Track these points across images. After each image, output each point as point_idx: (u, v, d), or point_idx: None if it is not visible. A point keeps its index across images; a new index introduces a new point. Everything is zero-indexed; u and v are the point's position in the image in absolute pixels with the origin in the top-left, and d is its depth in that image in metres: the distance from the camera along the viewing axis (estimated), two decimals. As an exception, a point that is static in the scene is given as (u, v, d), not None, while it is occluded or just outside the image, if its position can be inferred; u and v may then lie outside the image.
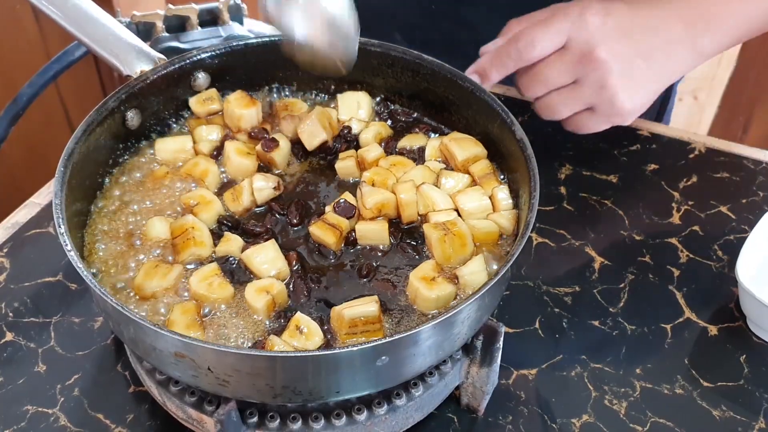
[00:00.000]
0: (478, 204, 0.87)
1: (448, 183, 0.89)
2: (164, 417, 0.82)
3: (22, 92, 1.11)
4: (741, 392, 0.87)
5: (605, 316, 0.94)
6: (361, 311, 0.76)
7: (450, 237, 0.81)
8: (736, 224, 1.05)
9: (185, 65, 0.95)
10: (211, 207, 0.87)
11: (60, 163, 0.80)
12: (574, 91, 0.95)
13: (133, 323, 0.69)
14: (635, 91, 0.95)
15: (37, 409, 0.84)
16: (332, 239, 0.84)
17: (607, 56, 0.92)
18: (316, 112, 0.96)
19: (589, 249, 1.01)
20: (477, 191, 0.88)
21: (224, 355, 0.68)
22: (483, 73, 0.98)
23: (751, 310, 0.92)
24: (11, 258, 0.97)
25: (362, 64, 0.99)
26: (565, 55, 0.94)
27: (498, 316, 0.92)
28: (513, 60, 0.96)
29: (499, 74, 0.97)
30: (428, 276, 0.79)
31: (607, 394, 0.87)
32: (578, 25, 0.93)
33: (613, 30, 0.93)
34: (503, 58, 0.96)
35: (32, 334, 0.90)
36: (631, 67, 0.94)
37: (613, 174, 1.11)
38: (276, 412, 0.76)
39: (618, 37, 0.93)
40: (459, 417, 0.85)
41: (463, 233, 0.82)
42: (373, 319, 0.76)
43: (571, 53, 0.93)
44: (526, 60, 0.95)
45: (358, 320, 0.76)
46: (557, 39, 0.94)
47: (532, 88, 0.97)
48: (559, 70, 0.95)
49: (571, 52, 0.93)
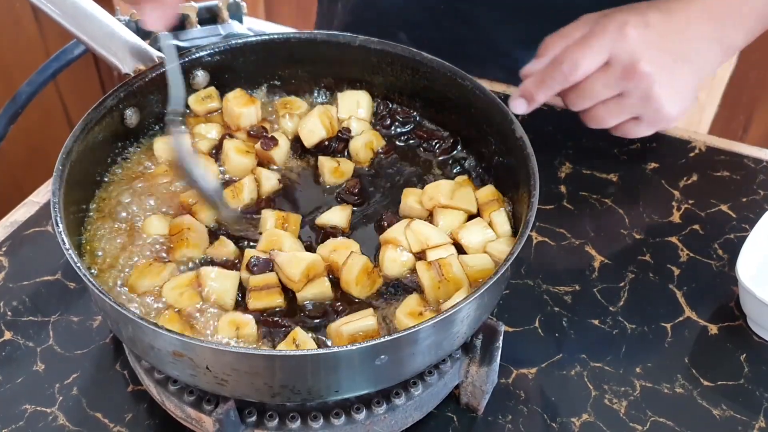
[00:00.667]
0: (482, 238, 0.85)
1: (443, 222, 0.86)
2: (163, 416, 0.82)
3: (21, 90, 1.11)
4: (741, 391, 0.87)
5: (605, 315, 0.94)
6: (360, 326, 0.76)
7: (444, 283, 0.79)
8: (737, 223, 1.04)
9: (184, 63, 0.95)
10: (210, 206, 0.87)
11: (58, 162, 0.80)
12: (620, 103, 0.97)
13: (132, 322, 0.69)
14: (679, 97, 0.97)
15: (35, 408, 0.83)
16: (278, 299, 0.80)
17: (651, 68, 0.94)
18: (318, 110, 0.96)
19: (589, 248, 1.01)
20: (478, 224, 0.86)
21: (222, 354, 0.68)
22: (529, 96, 0.99)
23: (751, 309, 0.92)
24: (10, 257, 0.97)
25: (362, 62, 0.99)
26: (609, 70, 0.95)
27: (498, 315, 0.92)
28: (558, 82, 0.97)
29: (545, 96, 0.98)
30: (415, 311, 0.78)
31: (607, 393, 0.86)
32: (619, 41, 0.94)
33: (652, 41, 0.95)
34: (548, 80, 0.97)
35: (31, 333, 0.90)
36: (672, 75, 0.96)
37: (613, 173, 1.11)
38: (275, 411, 0.76)
39: (657, 47, 0.95)
40: (458, 416, 0.85)
41: (459, 279, 0.79)
42: (373, 332, 0.76)
43: (615, 69, 0.95)
44: (572, 81, 0.96)
45: (357, 335, 0.75)
46: (600, 57, 0.95)
47: (579, 104, 0.99)
48: (604, 85, 0.96)
49: (614, 67, 0.95)
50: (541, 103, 0.99)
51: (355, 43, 0.98)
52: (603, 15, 0.98)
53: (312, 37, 0.99)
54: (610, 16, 0.97)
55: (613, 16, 0.96)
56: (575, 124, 1.01)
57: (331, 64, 1.00)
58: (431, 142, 0.98)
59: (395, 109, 1.01)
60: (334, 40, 0.98)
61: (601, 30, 0.95)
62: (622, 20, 0.95)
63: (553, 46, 0.99)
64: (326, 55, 1.00)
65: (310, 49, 0.99)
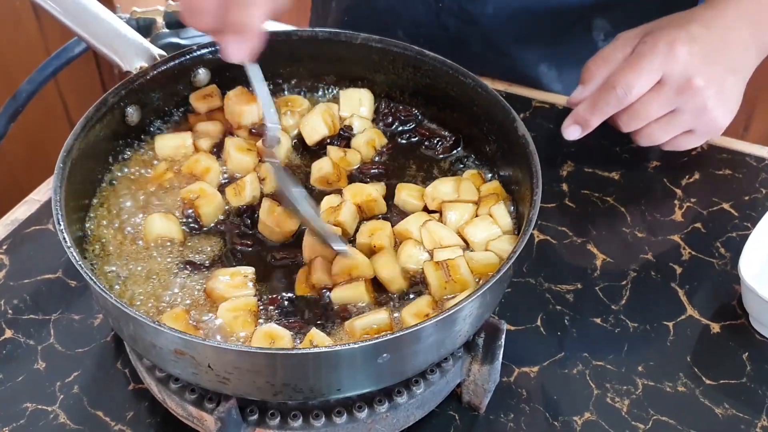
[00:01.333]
0: (487, 234, 0.85)
1: (452, 216, 0.87)
2: (164, 414, 0.82)
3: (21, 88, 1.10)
4: (743, 390, 0.87)
5: (607, 314, 0.94)
6: (372, 320, 0.76)
7: (451, 283, 0.80)
8: (739, 221, 1.04)
9: (185, 61, 0.94)
10: (212, 200, 0.87)
11: (59, 160, 0.79)
12: (674, 120, 0.99)
13: (133, 320, 0.69)
14: (730, 106, 1.00)
15: (36, 407, 0.83)
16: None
17: (704, 82, 0.96)
18: (320, 107, 0.96)
19: (591, 246, 1.01)
20: (484, 220, 0.86)
21: (224, 353, 0.68)
22: (583, 122, 1.00)
23: (753, 308, 0.92)
24: (11, 255, 0.97)
25: (364, 60, 0.99)
26: (663, 90, 0.96)
27: (500, 314, 0.91)
28: (612, 106, 0.98)
29: (598, 121, 1.00)
30: (422, 312, 0.78)
31: (609, 392, 0.86)
32: (670, 60, 0.95)
33: (701, 55, 0.96)
34: (602, 105, 0.98)
35: (32, 331, 0.90)
36: (723, 85, 0.98)
37: (615, 171, 1.10)
38: (276, 410, 0.76)
39: (707, 60, 0.96)
40: (460, 415, 0.85)
41: (465, 280, 0.80)
42: (386, 326, 0.76)
43: (669, 87, 0.96)
44: (626, 104, 0.97)
45: (370, 329, 0.76)
46: (652, 77, 0.96)
47: (633, 125, 1.00)
48: (659, 104, 0.97)
49: (668, 86, 0.96)
50: (594, 128, 1.00)
51: (356, 41, 0.97)
52: (644, 33, 0.99)
53: (313, 35, 0.99)
54: (653, 34, 0.98)
55: (658, 35, 0.97)
56: (577, 122, 1.01)
57: (332, 61, 1.00)
58: (433, 140, 0.98)
59: (397, 107, 1.01)
60: (336, 38, 0.98)
61: (650, 50, 0.96)
62: (670, 38, 0.96)
63: (598, 71, 1.00)
64: (328, 53, 0.99)
65: (311, 47, 0.99)
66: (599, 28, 1.22)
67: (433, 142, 0.98)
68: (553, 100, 1.19)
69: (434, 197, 0.88)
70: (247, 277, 0.80)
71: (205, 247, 0.86)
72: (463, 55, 1.00)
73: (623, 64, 0.98)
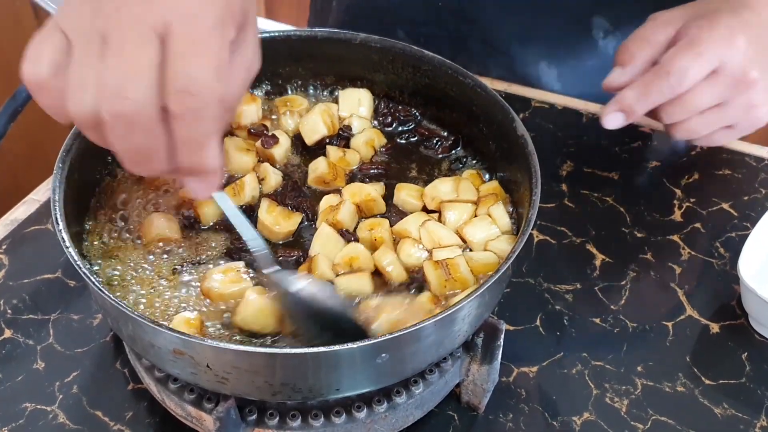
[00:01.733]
0: (486, 234, 0.85)
1: (451, 216, 0.86)
2: (163, 414, 0.82)
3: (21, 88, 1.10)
4: (743, 390, 0.87)
5: (606, 314, 0.94)
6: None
7: (451, 281, 0.80)
8: (738, 221, 1.04)
9: (185, 61, 0.94)
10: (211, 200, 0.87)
11: (58, 159, 0.79)
12: (719, 113, 0.92)
13: (132, 320, 0.69)
14: None
15: (35, 407, 0.83)
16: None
17: (759, 75, 0.90)
18: (319, 107, 0.96)
19: (590, 246, 1.01)
20: (483, 220, 0.86)
21: (223, 353, 0.68)
22: (629, 109, 0.92)
23: (753, 308, 0.91)
24: (10, 255, 0.97)
25: (363, 60, 0.99)
26: (718, 80, 0.89)
27: (499, 314, 0.91)
28: (665, 95, 0.90)
29: (645, 109, 0.92)
30: (424, 308, 0.78)
31: (608, 392, 0.86)
32: (731, 48, 0.88)
33: (757, 46, 0.90)
34: (652, 93, 0.90)
35: (31, 331, 0.90)
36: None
37: (614, 171, 1.10)
38: (275, 410, 0.76)
39: (761, 52, 0.90)
40: (459, 414, 0.85)
41: (465, 279, 0.79)
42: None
43: (724, 78, 0.89)
44: (678, 92, 0.89)
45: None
46: (709, 66, 0.89)
47: (677, 116, 0.92)
48: (710, 95, 0.90)
49: (723, 76, 0.89)
50: (640, 115, 0.93)
51: (356, 41, 0.97)
52: (690, 15, 0.92)
53: (313, 34, 0.99)
54: (708, 17, 0.90)
55: (715, 19, 0.90)
56: (576, 122, 1.01)
57: (331, 61, 1.00)
58: (432, 140, 0.98)
59: (396, 107, 1.01)
60: (335, 38, 0.98)
61: (708, 36, 0.89)
62: (728, 25, 0.89)
63: (640, 52, 0.93)
64: (327, 53, 0.99)
65: (310, 47, 0.99)
66: (599, 27, 1.22)
67: (433, 142, 0.98)
68: (552, 100, 1.19)
69: (433, 197, 0.88)
70: (240, 271, 0.81)
71: (204, 247, 0.86)
72: (463, 54, 1.00)
73: (679, 47, 0.90)
